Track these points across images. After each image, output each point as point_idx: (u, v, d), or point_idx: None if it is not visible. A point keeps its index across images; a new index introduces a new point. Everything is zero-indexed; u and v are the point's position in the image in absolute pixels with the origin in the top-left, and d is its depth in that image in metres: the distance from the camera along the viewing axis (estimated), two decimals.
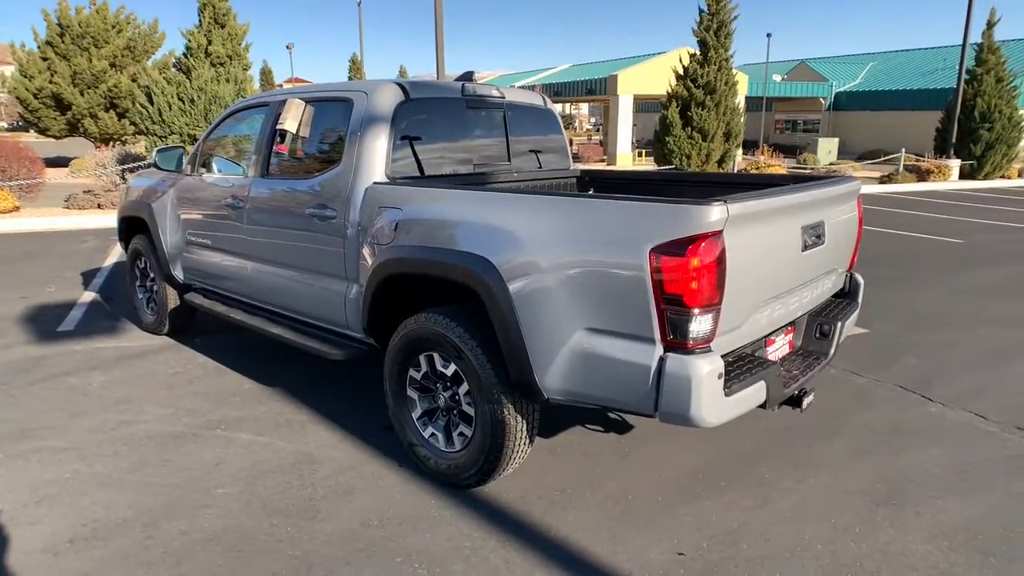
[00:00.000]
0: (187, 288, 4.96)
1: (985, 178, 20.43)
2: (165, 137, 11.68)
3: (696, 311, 2.25)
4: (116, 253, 8.54)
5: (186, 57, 11.74)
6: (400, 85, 3.47)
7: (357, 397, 4.14)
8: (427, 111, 3.60)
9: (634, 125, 33.34)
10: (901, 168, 19.71)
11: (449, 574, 2.50)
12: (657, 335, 2.31)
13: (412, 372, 3.17)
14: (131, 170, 12.09)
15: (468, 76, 3.87)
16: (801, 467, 3.34)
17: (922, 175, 19.24)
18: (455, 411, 3.06)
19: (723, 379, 2.32)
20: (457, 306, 2.96)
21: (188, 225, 4.68)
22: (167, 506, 2.94)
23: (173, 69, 11.74)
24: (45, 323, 5.60)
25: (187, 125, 11.61)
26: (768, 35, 37.95)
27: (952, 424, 3.85)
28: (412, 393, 3.20)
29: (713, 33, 15.93)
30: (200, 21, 11.85)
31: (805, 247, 2.82)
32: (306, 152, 3.81)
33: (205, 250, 4.55)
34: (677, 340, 2.29)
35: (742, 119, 16.48)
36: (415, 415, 3.20)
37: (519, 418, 2.81)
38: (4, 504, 2.94)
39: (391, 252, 3.08)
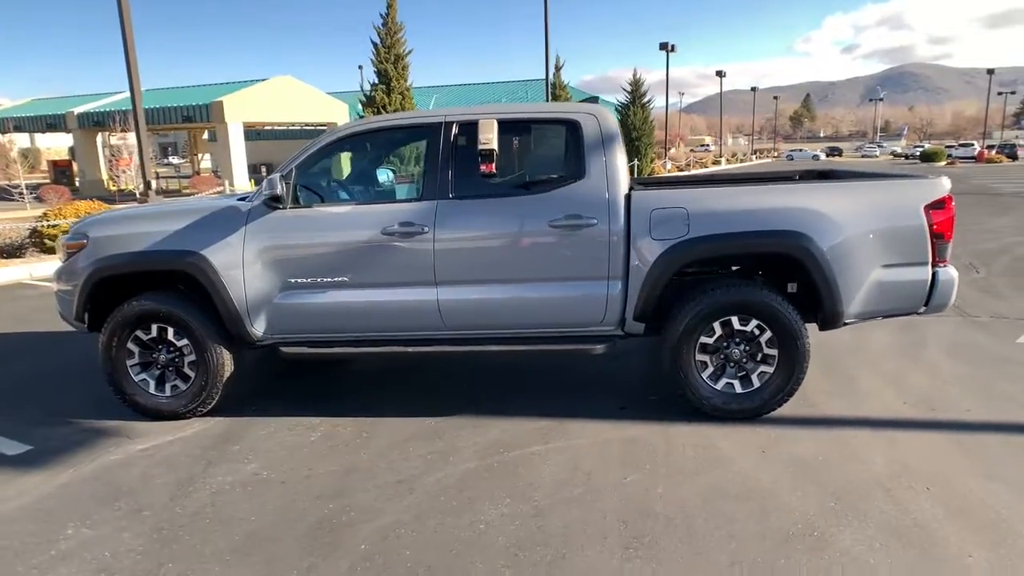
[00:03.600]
0: (249, 346, 4.22)
1: None
2: None
3: (950, 242, 3.77)
4: None
5: None
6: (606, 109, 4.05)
7: (546, 395, 4.39)
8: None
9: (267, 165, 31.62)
10: None
11: (839, 452, 3.48)
12: (930, 260, 3.75)
13: (703, 339, 3.87)
14: None
15: (595, 100, 4.54)
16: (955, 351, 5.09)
17: None
18: (745, 359, 3.91)
19: None
20: (753, 275, 3.84)
21: (291, 268, 4.02)
22: (624, 503, 3.09)
23: None
24: None
25: None
26: (360, 67, 40.61)
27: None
28: (702, 356, 3.90)
29: (392, 64, 17.20)
30: None
31: None
32: (522, 169, 3.97)
33: (331, 290, 4.02)
34: (940, 260, 3.77)
35: None
36: (705, 374, 3.91)
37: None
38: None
39: (693, 242, 3.73)
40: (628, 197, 3.85)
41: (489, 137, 3.86)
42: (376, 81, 17.39)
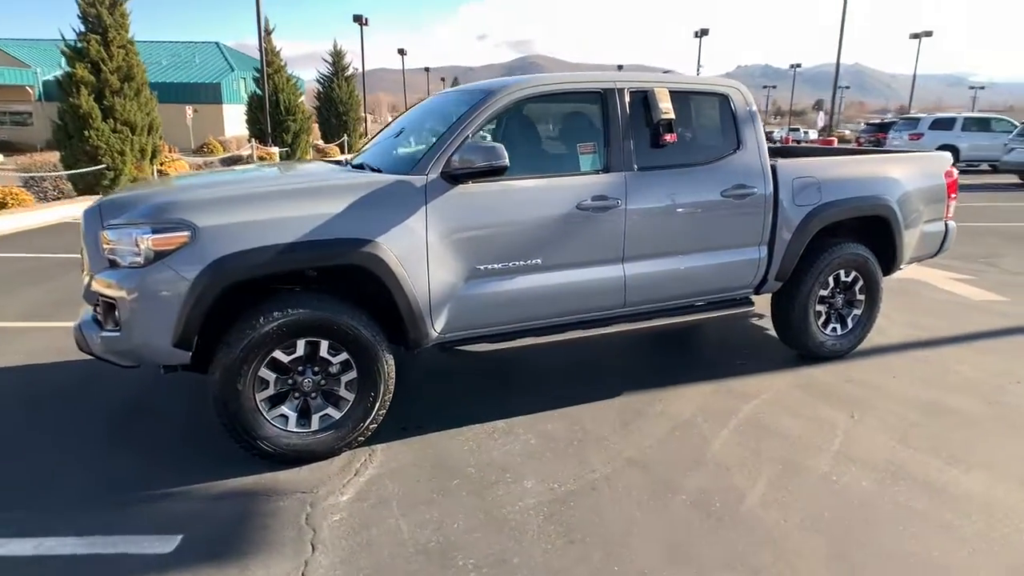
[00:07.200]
0: (412, 349, 3.54)
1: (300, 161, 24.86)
2: None
3: (955, 200, 4.99)
4: None
5: None
6: None
7: (664, 365, 4.56)
8: None
9: None
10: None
11: (933, 369, 4.48)
12: (944, 215, 4.94)
13: (822, 292, 4.49)
14: None
15: (620, 68, 4.72)
16: None
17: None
18: (843, 306, 4.63)
19: None
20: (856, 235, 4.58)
21: (480, 253, 3.42)
22: (877, 434, 3.56)
23: None
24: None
25: None
26: None
27: None
28: (819, 307, 4.52)
29: (107, 10, 13.71)
30: None
31: None
32: (690, 139, 4.01)
33: (521, 275, 3.54)
34: (949, 216, 4.99)
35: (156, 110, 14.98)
36: (819, 322, 4.54)
37: None
38: None
39: (826, 207, 4.27)
40: (774, 168, 4.22)
41: (668, 107, 3.85)
42: (84, 29, 13.75)
